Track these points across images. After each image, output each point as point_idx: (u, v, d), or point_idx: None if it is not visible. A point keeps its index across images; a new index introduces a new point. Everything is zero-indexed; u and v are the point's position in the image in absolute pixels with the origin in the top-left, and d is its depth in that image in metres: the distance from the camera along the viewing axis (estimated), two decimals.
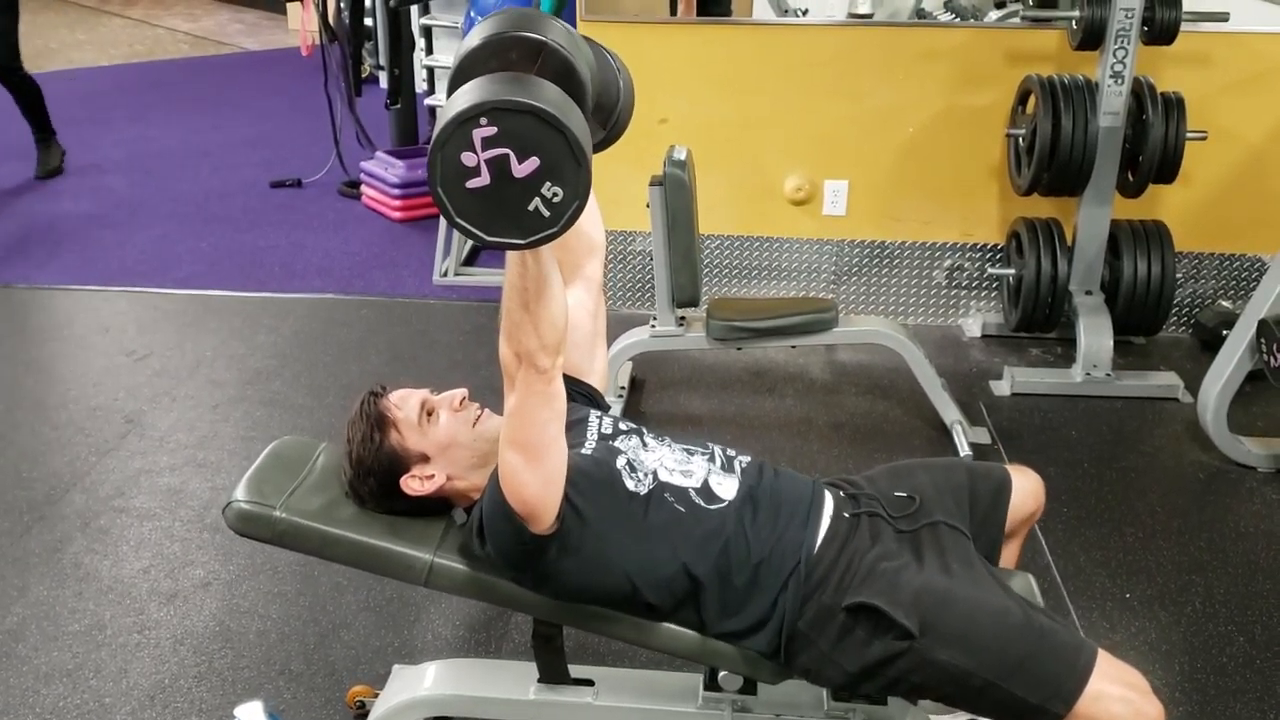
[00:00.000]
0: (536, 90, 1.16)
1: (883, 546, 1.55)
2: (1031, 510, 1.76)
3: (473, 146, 1.13)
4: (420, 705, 1.75)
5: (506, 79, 1.18)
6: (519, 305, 1.30)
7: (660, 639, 1.60)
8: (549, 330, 1.31)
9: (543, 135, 1.14)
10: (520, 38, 1.23)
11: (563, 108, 1.16)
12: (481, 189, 1.15)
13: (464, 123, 1.13)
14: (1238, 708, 2.07)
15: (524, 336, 1.31)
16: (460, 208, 1.16)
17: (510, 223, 1.17)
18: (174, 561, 2.45)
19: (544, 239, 1.19)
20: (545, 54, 1.23)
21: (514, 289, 1.30)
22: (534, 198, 1.16)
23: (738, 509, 1.54)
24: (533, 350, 1.31)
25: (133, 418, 3.08)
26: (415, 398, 1.61)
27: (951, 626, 1.43)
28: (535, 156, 1.14)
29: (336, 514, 1.62)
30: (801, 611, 1.50)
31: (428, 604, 2.31)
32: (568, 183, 1.16)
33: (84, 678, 2.10)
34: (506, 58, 1.23)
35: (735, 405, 3.25)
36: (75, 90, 7.12)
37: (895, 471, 1.72)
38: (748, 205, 3.73)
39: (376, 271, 4.21)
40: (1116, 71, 3.17)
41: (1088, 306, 3.34)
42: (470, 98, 1.14)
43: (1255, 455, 2.88)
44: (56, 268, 4.19)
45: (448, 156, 1.14)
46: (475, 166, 1.14)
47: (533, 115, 1.13)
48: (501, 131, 1.13)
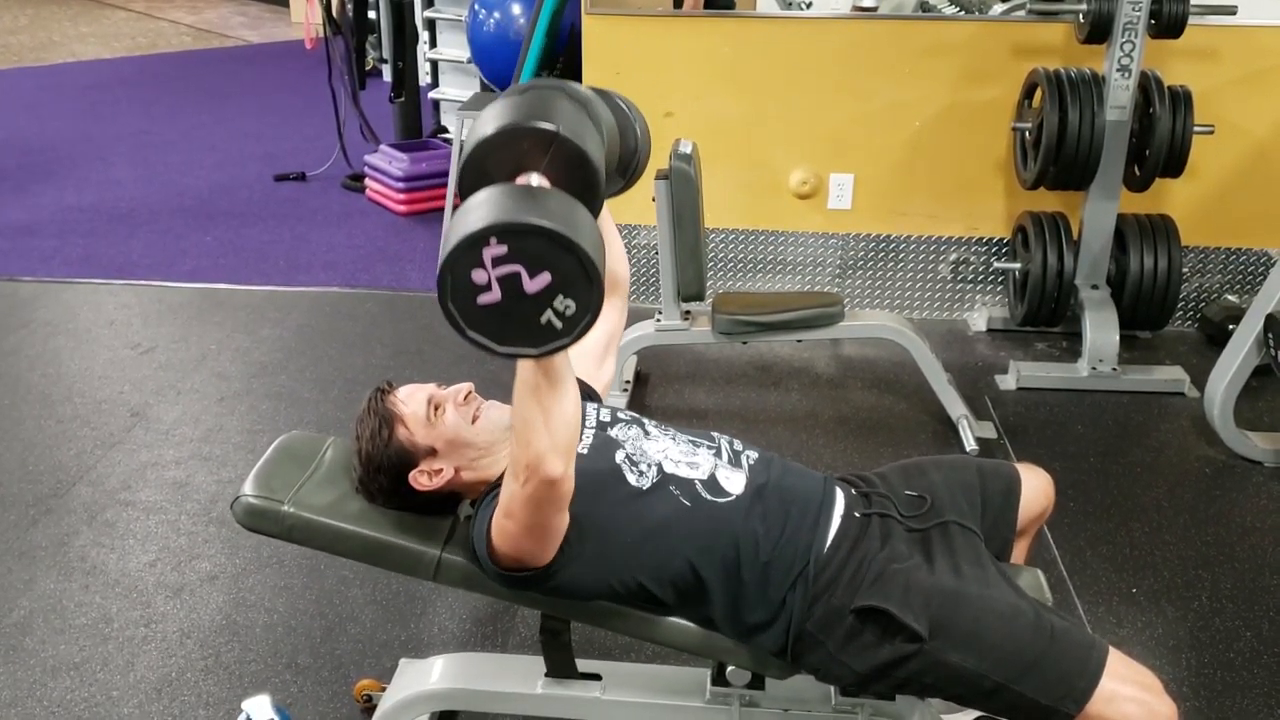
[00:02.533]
0: (546, 207, 1.15)
1: (893, 548, 1.53)
2: (1042, 508, 1.75)
3: (483, 264, 1.12)
4: (427, 699, 1.75)
5: (516, 195, 1.17)
6: (531, 401, 1.28)
7: (668, 634, 1.59)
8: (561, 428, 1.29)
9: (554, 253, 1.13)
10: (532, 129, 1.22)
11: (573, 223, 1.15)
12: (493, 304, 1.15)
13: (474, 244, 1.12)
14: (1245, 703, 2.06)
15: (534, 436, 1.28)
16: (472, 322, 1.16)
17: (523, 335, 1.16)
18: (180, 555, 2.45)
19: (557, 349, 1.19)
20: (556, 144, 1.23)
21: (525, 384, 1.28)
22: (546, 311, 1.15)
23: (746, 506, 1.53)
24: (543, 452, 1.28)
25: (138, 411, 3.08)
26: (422, 393, 1.61)
27: (962, 628, 1.43)
28: (547, 272, 1.13)
29: (345, 509, 1.62)
30: (810, 612, 1.49)
31: (434, 598, 2.31)
32: (580, 296, 1.15)
33: (91, 671, 2.10)
34: (518, 148, 1.23)
35: (740, 399, 3.25)
36: (78, 83, 7.12)
37: (906, 470, 1.71)
38: (753, 199, 3.72)
39: (381, 265, 4.21)
40: (1123, 65, 3.16)
41: (1094, 301, 3.33)
42: (480, 218, 1.13)
43: (1262, 450, 2.88)
44: (61, 261, 4.19)
45: (458, 274, 1.13)
46: (486, 283, 1.13)
47: (544, 235, 1.12)
48: (512, 250, 1.12)
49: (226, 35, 8.95)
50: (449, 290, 1.14)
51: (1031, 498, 1.71)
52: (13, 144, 5.67)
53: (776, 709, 1.67)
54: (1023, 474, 1.72)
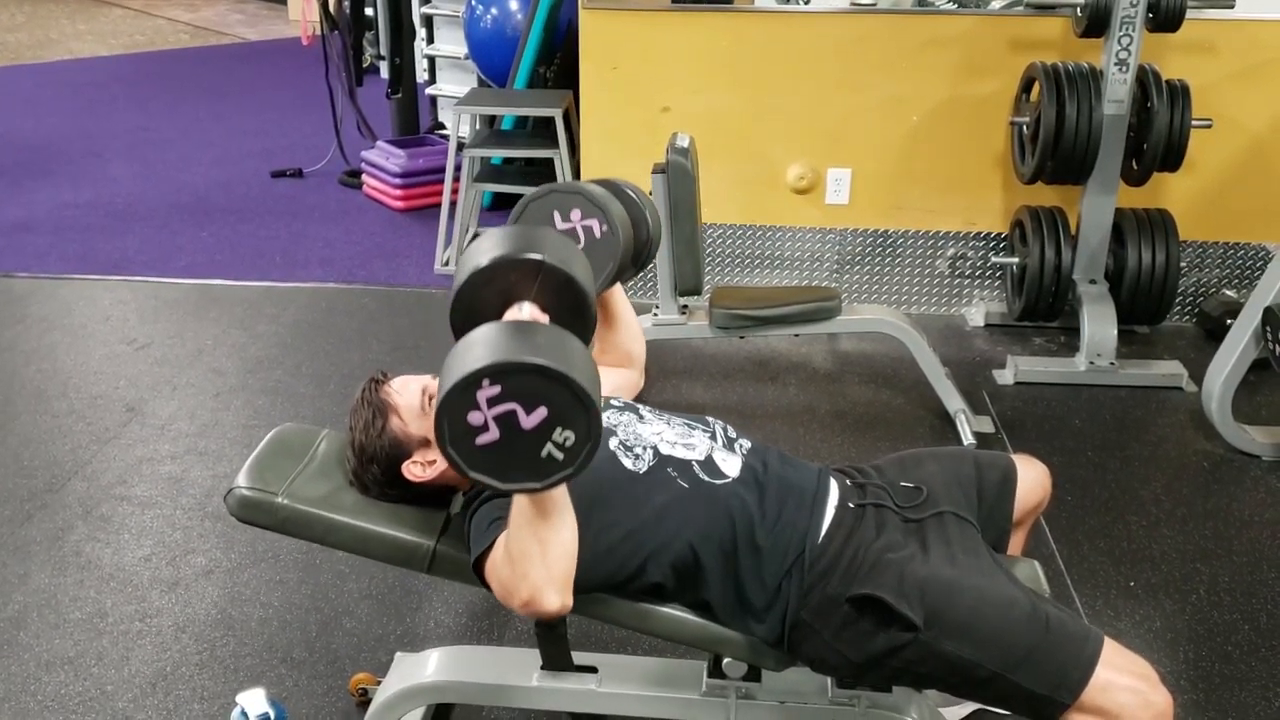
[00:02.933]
0: (535, 343, 1.16)
1: (888, 537, 1.53)
2: (1038, 500, 1.75)
3: (478, 406, 1.14)
4: (422, 693, 1.74)
5: (505, 334, 1.18)
6: (528, 533, 1.29)
7: (664, 626, 1.59)
8: (559, 559, 1.30)
9: (547, 387, 1.14)
10: (519, 260, 1.27)
11: (563, 356, 1.16)
12: (492, 444, 1.16)
13: (466, 387, 1.13)
14: (1243, 695, 2.06)
15: (530, 568, 1.29)
16: (473, 462, 1.17)
17: (525, 470, 1.18)
18: (175, 549, 2.45)
19: (560, 481, 1.20)
20: (544, 273, 1.27)
21: (522, 515, 1.28)
22: (546, 444, 1.17)
23: (742, 488, 1.53)
24: (540, 585, 1.29)
25: (134, 406, 3.07)
26: (416, 383, 1.61)
27: (957, 618, 1.42)
28: (543, 407, 1.15)
29: (339, 500, 1.61)
30: (805, 601, 1.49)
31: (430, 592, 2.30)
32: (578, 427, 1.16)
33: (86, 665, 2.10)
34: (507, 280, 1.27)
35: (738, 394, 3.24)
36: (76, 81, 7.11)
37: (902, 461, 1.71)
38: (750, 194, 3.72)
39: (378, 261, 4.20)
40: (1121, 59, 3.15)
41: (1091, 295, 3.32)
42: (471, 361, 1.14)
43: (1259, 444, 2.87)
44: (57, 257, 4.18)
45: (454, 418, 1.15)
46: (483, 424, 1.15)
47: (535, 372, 1.13)
48: (506, 389, 1.14)
49: (224, 33, 8.94)
50: (448, 435, 1.16)
51: (1028, 489, 1.70)
52: (10, 141, 5.67)
53: (773, 701, 1.66)
54: (1019, 465, 1.72)
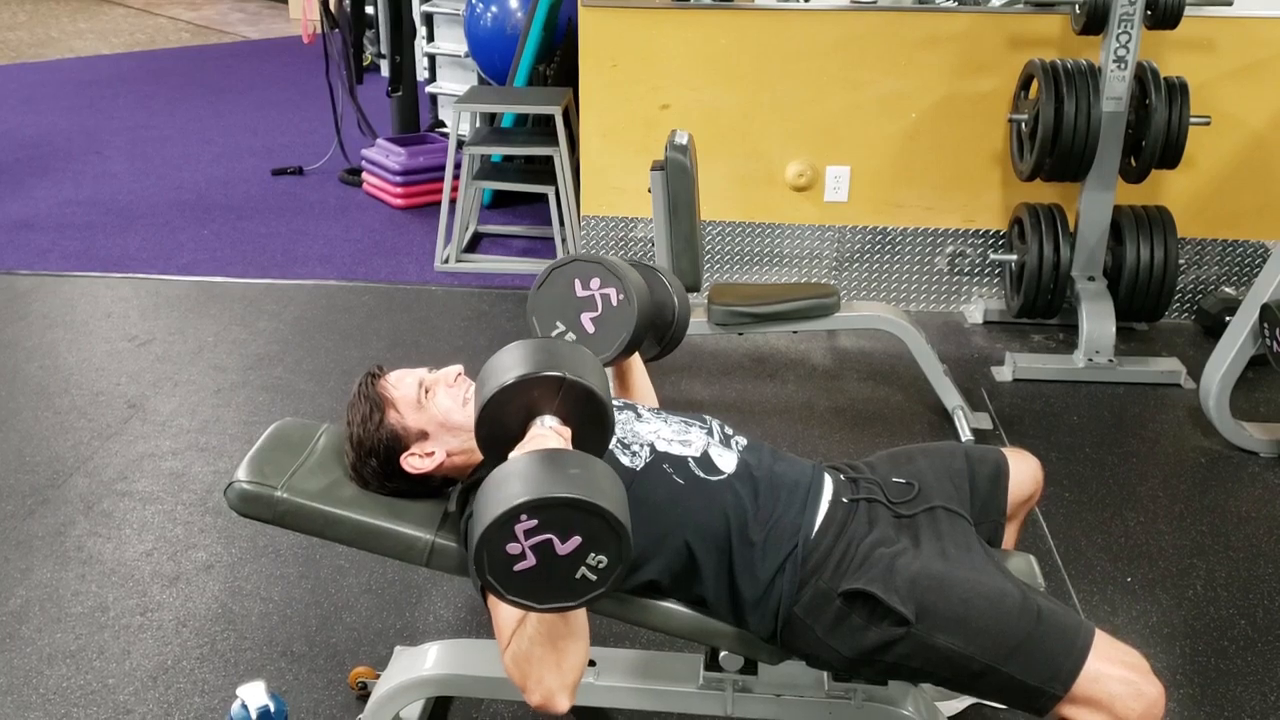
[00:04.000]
0: (568, 475, 1.22)
1: (879, 532, 1.54)
2: (1029, 493, 1.76)
3: (516, 538, 1.19)
4: (422, 685, 1.76)
5: (538, 466, 1.23)
6: (547, 644, 1.33)
7: (661, 619, 1.60)
8: (573, 670, 1.34)
9: (581, 518, 1.20)
10: (541, 378, 1.33)
11: (595, 486, 1.22)
12: (529, 569, 1.21)
13: (505, 523, 1.18)
14: (1239, 690, 2.07)
15: (546, 673, 1.34)
16: (510, 587, 1.23)
17: (560, 591, 1.24)
18: (176, 544, 2.46)
19: (593, 600, 1.25)
20: (565, 387, 1.34)
21: (544, 625, 1.32)
22: (580, 567, 1.22)
23: (737, 484, 1.54)
24: (554, 690, 1.34)
25: (135, 402, 3.08)
26: (412, 376, 1.62)
27: (948, 611, 1.43)
28: (577, 535, 1.20)
29: (338, 494, 1.63)
30: (798, 596, 1.50)
31: (429, 586, 2.31)
32: (610, 551, 1.22)
33: (87, 659, 2.11)
34: (529, 395, 1.34)
35: (736, 391, 3.25)
36: (77, 79, 7.12)
37: (894, 457, 1.72)
38: (749, 191, 3.72)
39: (378, 258, 4.21)
40: (1120, 56, 3.16)
41: (1090, 292, 3.33)
42: (508, 497, 1.19)
43: (1257, 440, 2.88)
44: (58, 255, 4.19)
45: (493, 550, 1.20)
46: (521, 553, 1.21)
47: (570, 506, 1.19)
48: (542, 522, 1.19)
49: (225, 31, 8.95)
50: (487, 565, 1.21)
51: (1020, 482, 1.71)
52: (11, 139, 5.67)
53: (769, 694, 1.67)
54: (1010, 458, 1.73)
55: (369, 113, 5.10)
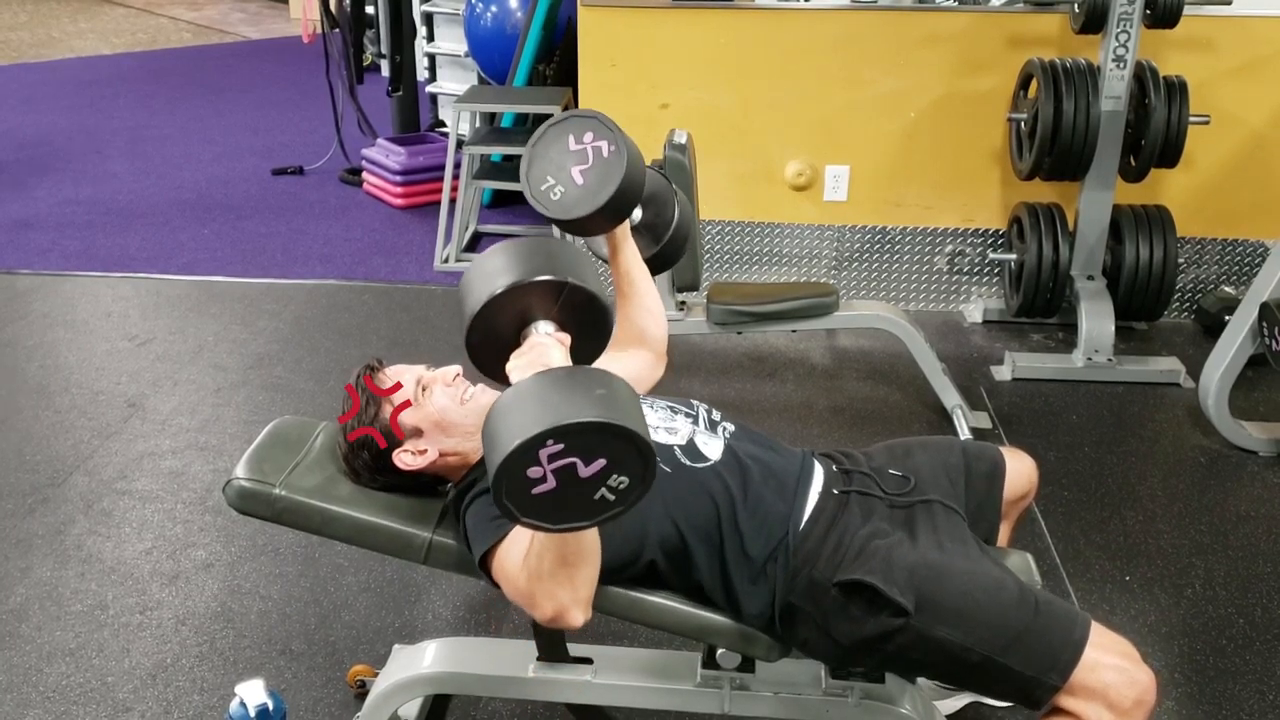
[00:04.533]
0: (593, 395, 1.17)
1: (875, 524, 1.54)
2: (1024, 491, 1.76)
3: (539, 462, 1.15)
4: (420, 684, 1.75)
5: (561, 385, 1.18)
6: (556, 559, 1.32)
7: (659, 616, 1.60)
8: (585, 585, 1.34)
9: (608, 441, 1.16)
10: (542, 282, 1.28)
11: (621, 407, 1.17)
12: (548, 492, 1.17)
13: (529, 449, 1.14)
14: (1237, 689, 2.07)
15: (559, 589, 1.33)
16: (526, 510, 1.18)
17: (576, 512, 1.20)
18: (176, 543, 2.46)
19: (609, 519, 1.21)
20: (567, 292, 1.28)
21: (554, 541, 1.31)
22: (600, 489, 1.18)
23: (722, 470, 1.54)
24: (566, 605, 1.34)
25: (135, 402, 3.09)
26: (410, 373, 1.61)
27: (947, 602, 1.43)
28: (602, 458, 1.16)
29: (336, 492, 1.63)
30: (792, 585, 1.50)
31: (427, 585, 2.32)
32: (634, 473, 1.18)
33: (86, 657, 2.11)
34: (527, 300, 1.28)
35: (735, 390, 3.25)
36: (78, 79, 7.12)
37: (891, 450, 1.72)
38: (748, 190, 3.72)
39: (378, 258, 4.21)
40: (1119, 55, 3.16)
41: (1089, 291, 3.33)
42: (533, 421, 1.14)
43: (1256, 440, 2.88)
44: (59, 254, 4.20)
45: (514, 474, 1.16)
46: (541, 476, 1.16)
47: (599, 430, 1.15)
48: (568, 446, 1.15)
49: (225, 31, 8.95)
50: (505, 488, 1.16)
51: (1015, 480, 1.71)
52: (11, 138, 5.68)
53: (767, 692, 1.67)
54: (1007, 457, 1.73)
55: (369, 112, 5.11)
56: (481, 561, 1.46)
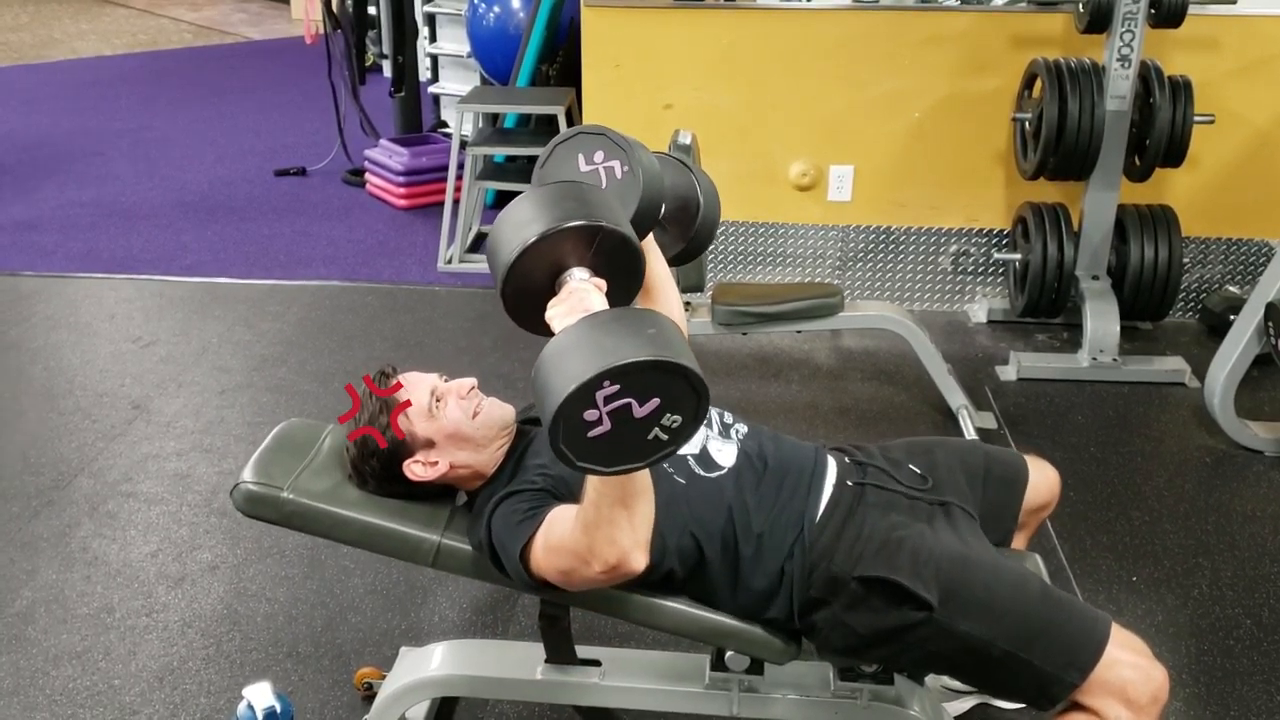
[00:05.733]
0: (648, 334, 1.16)
1: (893, 516, 1.53)
2: (1044, 502, 1.74)
3: (595, 405, 1.15)
4: (428, 686, 1.76)
5: (612, 326, 1.18)
6: (615, 502, 1.30)
7: (667, 619, 1.60)
8: (643, 525, 1.33)
9: (663, 379, 1.15)
10: (576, 228, 1.26)
11: (675, 345, 1.17)
12: (603, 435, 1.17)
13: (588, 390, 1.14)
14: (1244, 690, 2.07)
15: (619, 534, 1.31)
16: (582, 454, 1.18)
17: (631, 453, 1.20)
18: (182, 545, 2.46)
19: (662, 458, 1.21)
20: (601, 236, 1.27)
21: (610, 485, 1.29)
22: (654, 428, 1.18)
23: (737, 477, 1.54)
24: (628, 548, 1.32)
25: (139, 404, 3.08)
26: (425, 382, 1.60)
27: (972, 596, 1.43)
28: (656, 398, 1.16)
29: (344, 495, 1.63)
30: (810, 580, 1.49)
31: (434, 587, 2.31)
32: (687, 410, 1.18)
33: (93, 660, 2.11)
34: (562, 248, 1.27)
35: (740, 390, 3.25)
36: (79, 80, 7.12)
37: (911, 447, 1.71)
38: (753, 191, 3.72)
39: (381, 259, 4.21)
40: (1123, 55, 3.15)
41: (1094, 291, 3.33)
42: (590, 364, 1.14)
43: (1262, 439, 2.88)
44: (62, 256, 4.20)
45: (570, 418, 1.15)
46: (597, 419, 1.16)
47: (655, 368, 1.14)
48: (624, 387, 1.15)
49: (227, 32, 8.95)
50: (562, 433, 1.16)
51: (1037, 490, 1.70)
52: (14, 140, 5.68)
53: (776, 694, 1.67)
54: (1031, 466, 1.72)
55: (371, 113, 5.10)
56: (521, 556, 1.45)
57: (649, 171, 1.48)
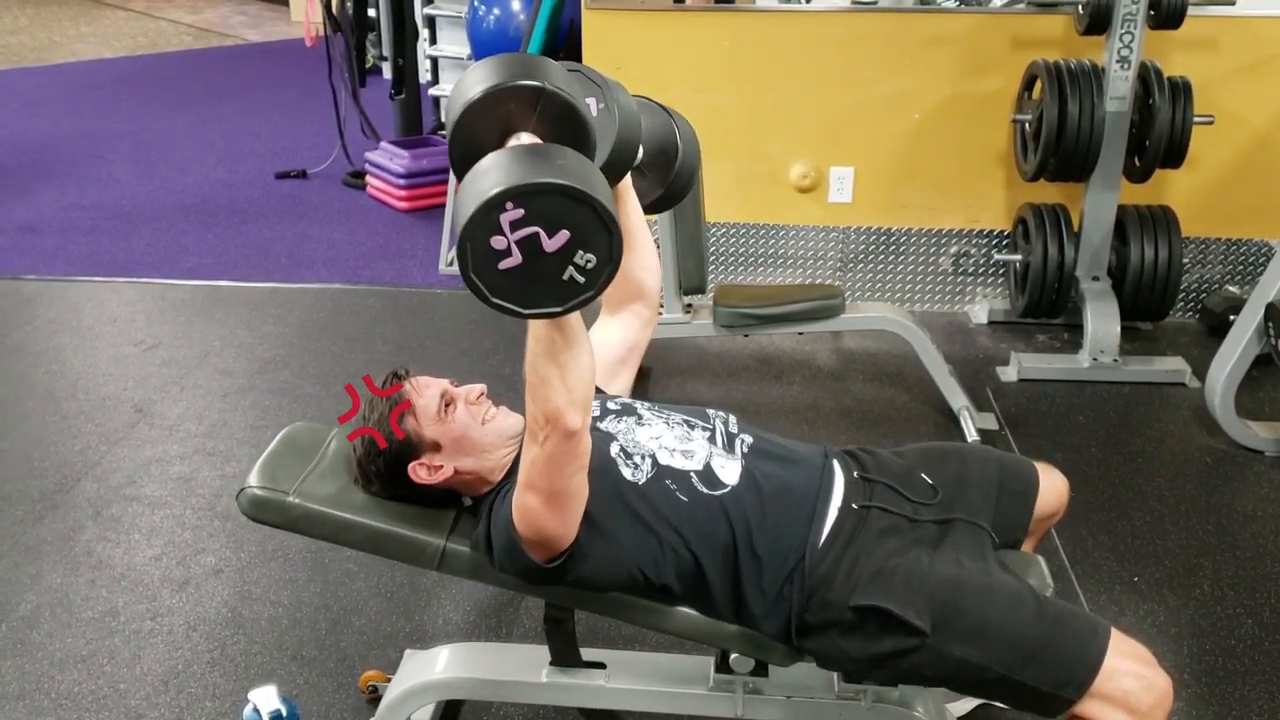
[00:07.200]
0: (554, 164, 1.15)
1: (892, 543, 1.52)
2: (1053, 510, 1.74)
3: (501, 230, 1.13)
4: (433, 689, 1.76)
5: (523, 156, 1.17)
6: (546, 359, 1.28)
7: (671, 622, 1.60)
8: (578, 384, 1.30)
9: (571, 209, 1.13)
10: (517, 88, 1.22)
11: (586, 177, 1.15)
12: (514, 269, 1.15)
13: (489, 210, 1.12)
14: (1246, 689, 2.07)
15: (552, 393, 1.29)
16: (495, 289, 1.16)
17: (546, 294, 1.17)
18: (185, 549, 2.47)
19: (580, 304, 1.19)
20: (544, 100, 1.23)
21: (540, 343, 1.28)
22: (568, 267, 1.16)
23: (740, 497, 1.52)
24: (561, 407, 1.29)
25: (142, 407, 3.09)
26: (435, 387, 1.59)
27: (964, 622, 1.43)
28: (565, 230, 1.14)
29: (349, 499, 1.63)
30: (808, 605, 1.49)
31: (438, 590, 2.32)
32: (600, 249, 1.16)
33: (98, 664, 2.11)
34: (505, 109, 1.23)
35: (742, 392, 3.26)
36: (79, 83, 7.13)
37: (926, 454, 1.69)
38: (753, 193, 3.73)
39: (382, 261, 4.22)
40: (1123, 56, 3.16)
41: (1094, 292, 3.33)
42: (492, 182, 1.13)
43: (1262, 439, 2.88)
44: (63, 259, 4.20)
45: (476, 243, 1.14)
46: (506, 249, 1.14)
47: (559, 193, 1.13)
48: (529, 212, 1.13)
49: (226, 34, 8.95)
50: (470, 261, 1.14)
51: (1046, 498, 1.70)
52: (14, 143, 5.68)
53: (780, 696, 1.68)
54: (1040, 474, 1.71)
55: (372, 115, 5.10)
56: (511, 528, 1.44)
57: (626, 110, 1.46)
